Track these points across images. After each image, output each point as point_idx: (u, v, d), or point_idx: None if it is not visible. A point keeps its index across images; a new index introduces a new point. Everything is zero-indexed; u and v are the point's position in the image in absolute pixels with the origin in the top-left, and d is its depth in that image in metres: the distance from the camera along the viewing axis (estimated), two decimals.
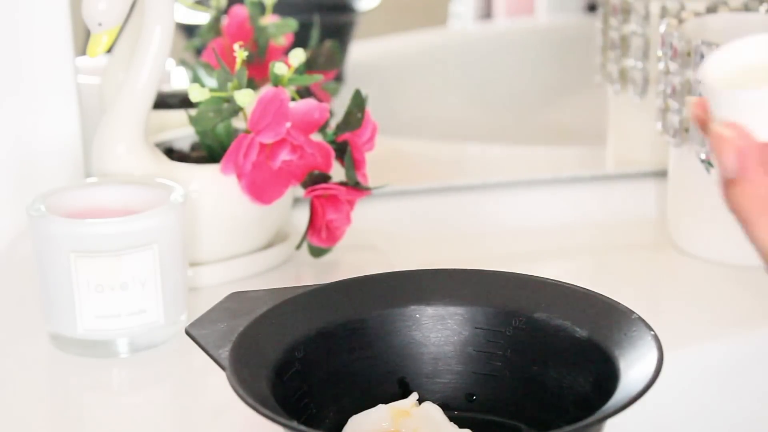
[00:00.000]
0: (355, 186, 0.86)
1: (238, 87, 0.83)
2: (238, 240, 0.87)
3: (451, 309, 0.63)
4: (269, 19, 1.09)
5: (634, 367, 0.56)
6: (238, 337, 0.58)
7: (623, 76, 1.02)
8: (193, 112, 0.87)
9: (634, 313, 0.59)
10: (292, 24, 1.08)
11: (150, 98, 0.85)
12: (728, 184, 0.57)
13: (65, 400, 0.75)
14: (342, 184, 0.86)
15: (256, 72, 1.02)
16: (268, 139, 0.83)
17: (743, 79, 0.56)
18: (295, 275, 0.89)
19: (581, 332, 0.60)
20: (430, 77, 1.23)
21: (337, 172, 0.87)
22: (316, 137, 0.85)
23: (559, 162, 1.11)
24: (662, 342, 0.56)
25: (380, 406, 0.61)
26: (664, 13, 0.99)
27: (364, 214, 0.92)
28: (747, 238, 0.57)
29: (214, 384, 0.69)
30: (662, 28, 0.90)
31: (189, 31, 1.17)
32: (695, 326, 0.81)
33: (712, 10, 0.97)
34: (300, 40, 1.09)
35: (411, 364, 0.63)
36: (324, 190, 0.85)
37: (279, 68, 0.85)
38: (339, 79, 1.14)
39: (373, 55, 1.45)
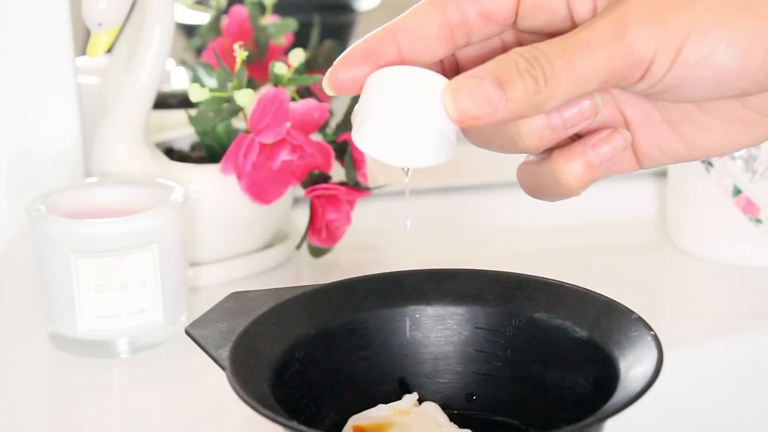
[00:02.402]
0: (355, 186, 0.86)
1: (238, 87, 0.83)
2: (238, 240, 0.87)
3: (451, 309, 0.63)
4: (269, 19, 1.09)
5: (634, 367, 0.55)
6: (238, 337, 0.58)
7: None
8: (193, 112, 0.87)
9: (634, 313, 0.59)
10: (292, 24, 1.08)
11: (150, 98, 0.85)
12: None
13: (65, 400, 0.75)
14: (342, 184, 0.86)
15: (256, 72, 1.02)
16: (268, 139, 0.83)
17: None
18: (295, 275, 0.89)
19: (581, 332, 0.60)
20: None
21: (337, 172, 0.87)
22: (316, 137, 0.85)
23: None
24: (662, 342, 0.56)
25: (380, 406, 0.61)
26: None
27: (364, 214, 0.92)
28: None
29: (214, 384, 0.68)
30: None
31: (189, 31, 1.18)
32: (695, 326, 0.81)
33: None
34: (300, 40, 1.10)
35: (411, 364, 0.63)
36: (324, 190, 0.85)
37: (279, 68, 0.85)
38: None
39: None
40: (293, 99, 0.85)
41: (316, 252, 0.89)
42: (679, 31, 0.50)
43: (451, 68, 0.56)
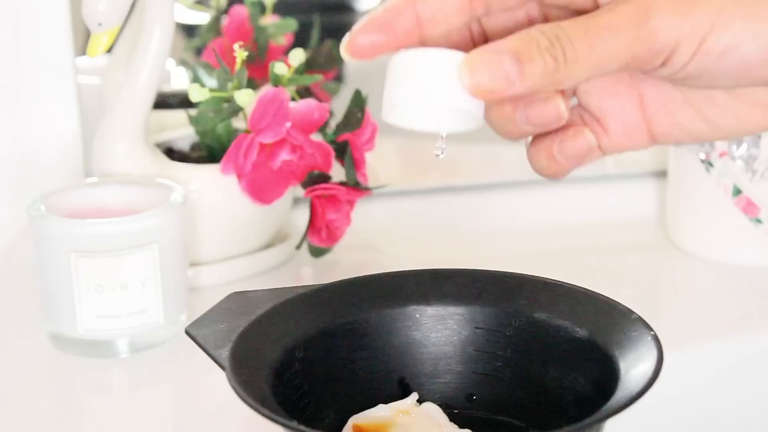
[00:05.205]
0: (355, 186, 0.86)
1: (238, 87, 0.83)
2: (238, 240, 0.87)
3: (451, 309, 0.63)
4: (269, 19, 1.09)
5: (634, 367, 0.56)
6: (238, 337, 0.58)
7: None
8: (193, 112, 0.87)
9: (634, 313, 0.59)
10: (292, 24, 1.08)
11: (150, 98, 0.85)
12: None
13: (65, 400, 0.75)
14: (342, 184, 0.86)
15: (256, 72, 1.02)
16: (268, 139, 0.83)
17: None
18: (295, 275, 0.89)
19: (581, 332, 0.60)
20: None
21: (337, 172, 0.87)
22: (316, 137, 0.85)
23: None
24: (662, 342, 0.56)
25: (380, 406, 0.61)
26: None
27: (364, 214, 0.92)
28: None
29: (214, 384, 0.68)
30: None
31: (189, 31, 1.17)
32: (695, 326, 0.81)
33: None
34: (300, 40, 1.09)
35: (411, 364, 0.63)
36: (324, 190, 0.85)
37: (279, 68, 0.85)
38: (339, 79, 1.14)
39: None
40: (293, 99, 0.85)
41: (316, 252, 0.89)
42: (704, 21, 0.50)
43: (480, 40, 0.56)
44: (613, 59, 0.50)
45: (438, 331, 0.63)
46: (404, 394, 0.62)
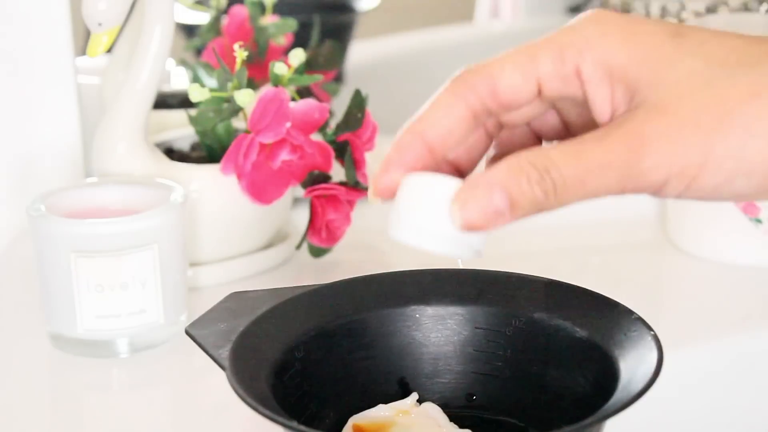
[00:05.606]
0: (355, 186, 0.86)
1: (238, 87, 0.83)
2: (238, 240, 0.87)
3: (451, 309, 0.63)
4: (269, 19, 1.09)
5: (634, 367, 0.56)
6: (238, 337, 0.58)
7: None
8: (193, 112, 0.87)
9: (634, 313, 0.59)
10: (292, 24, 1.08)
11: (150, 98, 0.85)
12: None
13: (65, 400, 0.75)
14: (342, 184, 0.86)
15: (256, 72, 1.02)
16: (268, 139, 0.83)
17: None
18: (295, 275, 0.89)
19: (581, 332, 0.60)
20: (430, 77, 1.23)
21: (337, 172, 0.87)
22: (316, 137, 0.85)
23: None
24: (662, 342, 0.56)
25: (380, 406, 0.61)
26: (664, 13, 0.99)
27: (364, 214, 0.92)
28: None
29: (214, 384, 0.69)
30: None
31: (189, 31, 1.18)
32: (695, 326, 0.81)
33: (712, 10, 0.97)
34: (300, 40, 1.10)
35: (411, 364, 0.63)
36: (324, 190, 0.85)
37: (279, 68, 0.85)
38: (339, 79, 1.14)
39: (373, 55, 1.45)
40: (293, 99, 0.85)
41: (316, 252, 0.89)
42: (695, 160, 0.50)
43: (496, 131, 0.57)
44: (603, 192, 0.51)
45: (438, 331, 0.63)
46: (404, 394, 0.62)
